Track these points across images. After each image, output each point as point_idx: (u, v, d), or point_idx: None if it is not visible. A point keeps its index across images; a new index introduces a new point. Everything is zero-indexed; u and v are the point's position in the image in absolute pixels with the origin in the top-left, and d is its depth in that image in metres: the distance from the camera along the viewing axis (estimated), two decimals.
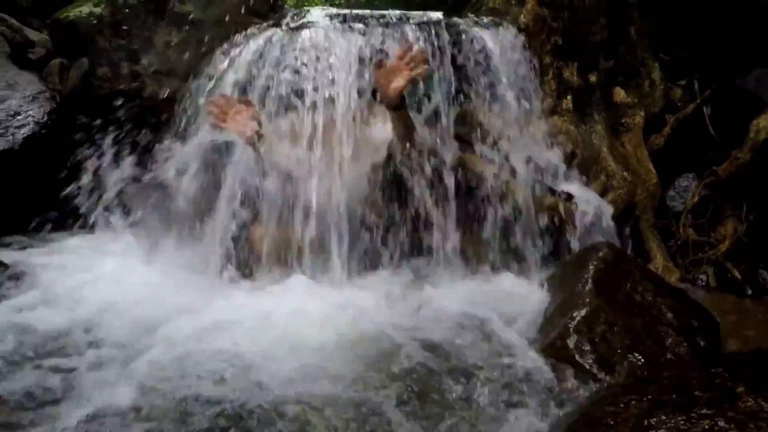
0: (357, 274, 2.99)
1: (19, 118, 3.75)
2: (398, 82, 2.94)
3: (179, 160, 3.38)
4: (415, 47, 3.10)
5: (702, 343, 2.44)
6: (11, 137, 3.66)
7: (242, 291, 2.86)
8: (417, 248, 3.14)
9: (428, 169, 3.11)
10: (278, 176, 3.05)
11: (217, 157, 3.23)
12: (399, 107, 3.01)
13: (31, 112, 3.79)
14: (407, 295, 2.86)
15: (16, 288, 2.79)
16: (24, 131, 3.72)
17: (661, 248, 3.61)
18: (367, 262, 3.03)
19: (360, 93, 3.20)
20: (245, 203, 3.05)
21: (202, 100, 3.54)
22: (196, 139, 3.39)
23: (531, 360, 2.29)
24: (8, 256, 3.15)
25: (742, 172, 3.73)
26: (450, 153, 3.28)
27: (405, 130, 3.07)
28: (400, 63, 2.94)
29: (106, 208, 3.55)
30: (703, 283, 3.59)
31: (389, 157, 3.12)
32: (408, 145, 3.07)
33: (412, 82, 3.00)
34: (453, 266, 3.13)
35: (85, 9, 4.26)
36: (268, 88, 3.32)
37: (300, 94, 3.19)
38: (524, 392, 2.11)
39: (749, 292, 3.51)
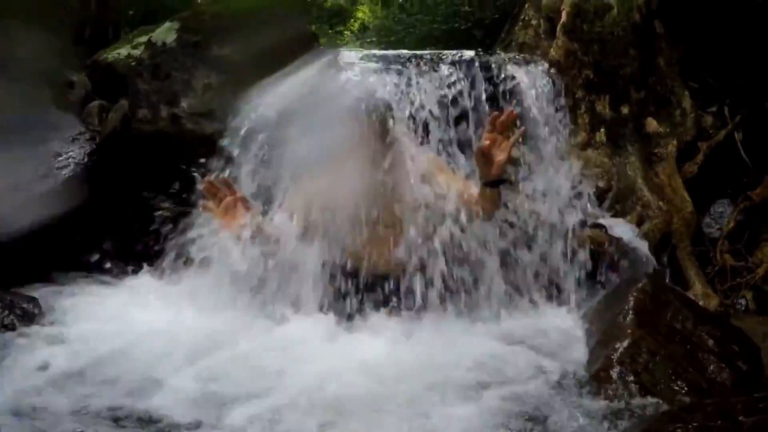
0: (403, 313, 3.04)
1: (60, 159, 3.76)
2: (501, 156, 2.84)
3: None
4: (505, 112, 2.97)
5: (744, 368, 2.47)
6: (53, 178, 3.67)
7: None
8: (456, 285, 3.17)
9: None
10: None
11: None
12: (495, 185, 2.94)
13: (71, 153, 3.80)
14: (452, 331, 2.91)
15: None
16: (65, 172, 3.72)
17: (699, 275, 3.62)
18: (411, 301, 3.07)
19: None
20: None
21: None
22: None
23: (575, 392, 2.34)
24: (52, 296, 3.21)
25: None
26: None
27: (493, 202, 3.01)
28: (495, 136, 2.85)
29: (145, 253, 3.62)
30: (743, 308, 3.59)
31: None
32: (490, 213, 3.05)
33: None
34: (493, 302, 3.16)
35: (124, 51, 4.37)
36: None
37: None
38: (570, 424, 2.14)
39: None
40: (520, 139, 3.25)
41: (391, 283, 3.04)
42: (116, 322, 2.93)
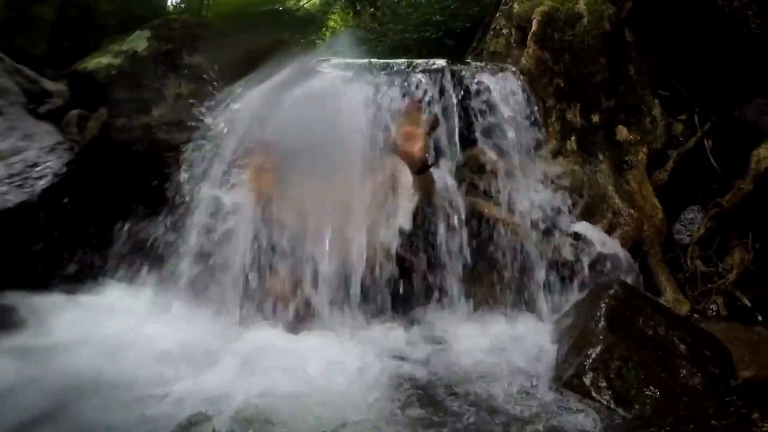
0: (374, 321, 3.03)
1: (37, 169, 3.71)
2: (417, 145, 2.97)
3: (188, 214, 3.42)
4: (406, 102, 3.13)
5: (716, 373, 2.50)
6: (30, 188, 3.61)
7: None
8: (431, 293, 3.17)
9: (443, 217, 3.16)
10: (291, 228, 3.10)
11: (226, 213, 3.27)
12: (423, 170, 3.04)
13: (49, 163, 3.75)
14: (427, 339, 2.90)
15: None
16: (42, 182, 3.67)
17: (671, 281, 3.65)
18: (384, 308, 3.06)
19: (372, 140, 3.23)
20: (259, 256, 3.09)
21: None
22: (204, 195, 3.44)
23: (548, 399, 2.34)
24: (27, 307, 3.14)
25: (745, 201, 3.78)
26: (459, 198, 3.32)
27: (427, 188, 3.12)
28: (409, 128, 2.96)
29: (123, 264, 3.58)
30: (714, 313, 3.62)
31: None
32: (428, 200, 3.13)
33: (430, 133, 3.07)
34: (466, 310, 3.17)
35: (104, 60, 4.33)
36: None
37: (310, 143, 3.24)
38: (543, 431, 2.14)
39: (759, 318, 3.55)
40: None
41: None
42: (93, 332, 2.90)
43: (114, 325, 3.00)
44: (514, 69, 3.94)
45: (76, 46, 4.96)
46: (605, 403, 2.28)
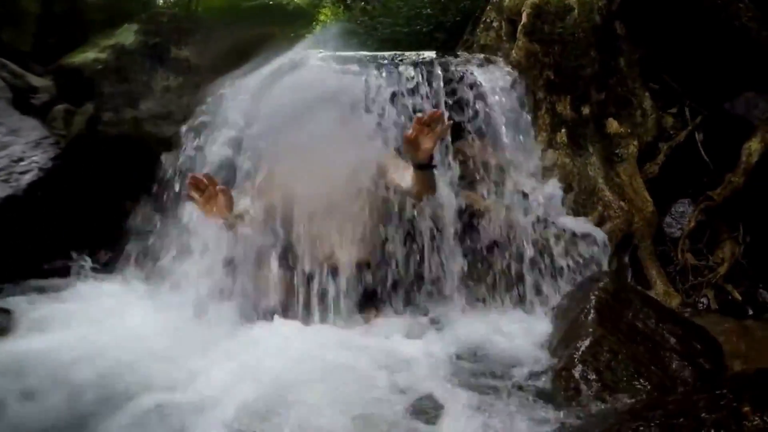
0: (367, 314, 3.01)
1: (22, 164, 3.66)
2: (427, 144, 2.93)
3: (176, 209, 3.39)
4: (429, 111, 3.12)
5: (706, 366, 2.48)
6: (15, 183, 3.57)
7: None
8: (422, 287, 3.16)
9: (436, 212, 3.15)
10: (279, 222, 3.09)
11: None
12: (428, 167, 3.02)
13: (34, 158, 3.70)
14: (418, 332, 2.88)
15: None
16: (28, 177, 3.62)
17: (661, 274, 3.64)
18: (376, 303, 3.05)
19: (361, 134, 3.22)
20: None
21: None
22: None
23: (538, 391, 2.32)
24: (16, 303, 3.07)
25: (736, 195, 3.79)
26: (451, 191, 3.31)
27: (428, 186, 3.09)
28: (422, 127, 2.93)
29: (112, 259, 3.56)
30: (704, 307, 3.61)
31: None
32: (426, 197, 3.13)
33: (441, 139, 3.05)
34: (457, 303, 3.16)
35: (91, 55, 4.31)
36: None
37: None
38: (531, 424, 2.12)
39: (750, 312, 3.55)
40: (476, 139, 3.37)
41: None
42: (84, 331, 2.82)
43: (103, 321, 2.93)
44: (504, 62, 3.93)
45: (63, 42, 4.92)
46: (594, 396, 2.27)
